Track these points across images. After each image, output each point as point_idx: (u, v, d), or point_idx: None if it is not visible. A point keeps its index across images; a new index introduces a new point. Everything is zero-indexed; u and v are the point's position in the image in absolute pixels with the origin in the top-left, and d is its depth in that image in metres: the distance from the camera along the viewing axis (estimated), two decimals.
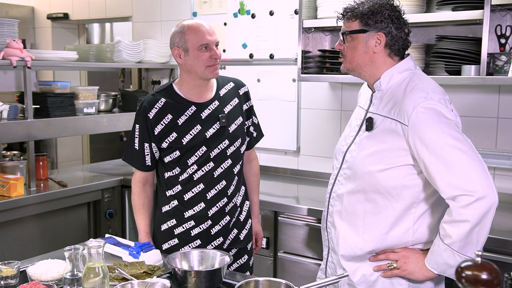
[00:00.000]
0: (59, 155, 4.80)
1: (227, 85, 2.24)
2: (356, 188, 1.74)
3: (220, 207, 2.15)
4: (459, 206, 1.55)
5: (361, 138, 1.76)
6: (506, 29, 2.61)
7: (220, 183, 2.14)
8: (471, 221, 1.53)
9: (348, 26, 1.75)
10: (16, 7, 4.77)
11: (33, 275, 1.72)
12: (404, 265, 1.70)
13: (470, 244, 1.56)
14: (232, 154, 2.16)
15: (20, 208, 2.95)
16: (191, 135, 2.11)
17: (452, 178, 1.55)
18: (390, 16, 1.70)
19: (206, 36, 2.06)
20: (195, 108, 2.13)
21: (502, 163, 2.73)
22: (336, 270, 1.84)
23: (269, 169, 3.65)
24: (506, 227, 2.42)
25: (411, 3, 2.71)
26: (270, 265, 2.91)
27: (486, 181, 1.55)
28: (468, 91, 2.87)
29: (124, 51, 3.69)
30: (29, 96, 3.08)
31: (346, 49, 1.76)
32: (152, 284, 1.56)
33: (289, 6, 3.45)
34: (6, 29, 3.09)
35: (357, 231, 1.76)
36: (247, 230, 2.29)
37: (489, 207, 1.54)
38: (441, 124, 1.59)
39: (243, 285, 1.56)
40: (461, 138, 1.59)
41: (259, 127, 2.38)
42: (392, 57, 1.75)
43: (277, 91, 3.56)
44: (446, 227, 1.58)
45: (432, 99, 1.62)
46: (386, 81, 1.74)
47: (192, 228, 2.16)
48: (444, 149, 1.57)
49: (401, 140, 1.65)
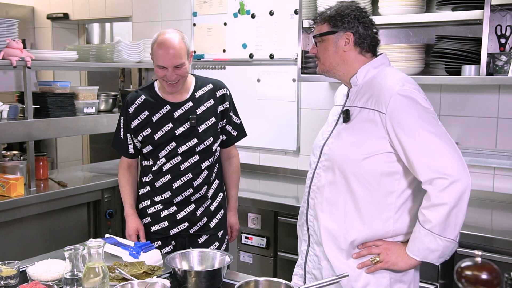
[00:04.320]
0: (59, 155, 4.80)
1: (205, 87, 2.40)
2: (336, 179, 1.80)
3: (185, 196, 2.36)
4: (436, 190, 1.63)
5: (339, 130, 1.84)
6: (506, 29, 2.61)
7: (186, 175, 2.34)
8: (448, 204, 1.61)
9: (319, 30, 1.85)
10: (16, 7, 4.77)
11: (33, 275, 1.72)
12: (387, 257, 1.75)
13: (449, 226, 1.64)
14: (201, 151, 2.34)
15: (20, 208, 2.94)
16: (163, 132, 2.31)
17: (429, 161, 1.64)
18: (356, 16, 1.81)
19: (163, 59, 2.21)
20: (169, 107, 2.34)
21: (502, 163, 2.73)
22: (320, 262, 1.87)
23: (269, 169, 3.66)
24: (506, 227, 2.42)
25: (411, 3, 2.71)
26: (270, 265, 2.92)
27: (460, 164, 1.64)
28: (468, 91, 2.87)
29: (124, 51, 3.68)
30: (29, 96, 3.08)
31: (319, 51, 1.87)
32: (152, 284, 1.56)
33: (289, 6, 3.45)
34: (6, 29, 3.08)
35: (339, 222, 1.80)
36: (218, 220, 2.46)
37: (464, 189, 1.62)
38: (418, 110, 1.68)
39: (243, 285, 1.56)
40: (436, 124, 1.69)
41: (241, 126, 2.53)
42: (364, 54, 1.84)
43: (277, 91, 3.56)
44: (425, 212, 1.66)
45: (408, 88, 1.71)
46: (363, 76, 1.82)
47: (161, 211, 2.39)
48: (420, 133, 1.66)
49: (379, 129, 1.72)
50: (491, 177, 2.84)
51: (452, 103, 2.92)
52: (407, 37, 3.02)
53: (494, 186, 2.83)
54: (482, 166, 2.84)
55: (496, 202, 2.78)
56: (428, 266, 2.36)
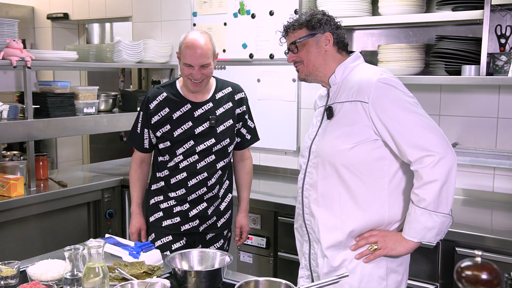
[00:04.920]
0: (59, 155, 4.80)
1: (225, 89, 2.47)
2: (328, 173, 1.84)
3: (199, 194, 2.41)
4: (428, 167, 1.69)
5: (324, 127, 1.89)
6: (506, 29, 2.61)
7: (201, 174, 2.39)
8: (439, 180, 1.68)
9: (297, 36, 1.91)
10: (16, 7, 4.77)
11: (33, 275, 1.72)
12: (385, 243, 1.79)
13: (442, 202, 1.71)
14: (217, 151, 2.41)
15: (20, 208, 2.95)
16: (182, 129, 2.37)
17: (416, 140, 1.71)
18: (328, 19, 1.91)
19: (190, 58, 2.27)
20: (190, 106, 2.39)
21: (502, 163, 2.72)
22: (317, 259, 1.89)
23: (269, 169, 3.66)
24: (506, 227, 2.42)
25: (411, 3, 2.71)
26: (270, 265, 2.92)
27: (444, 142, 1.72)
28: (468, 91, 2.87)
29: (124, 51, 3.69)
30: (29, 96, 3.08)
31: (301, 55, 1.92)
32: (152, 284, 1.57)
33: (289, 6, 3.45)
34: (6, 29, 3.09)
35: (335, 214, 1.84)
36: (225, 219, 2.53)
37: (451, 164, 1.70)
38: (399, 95, 1.77)
39: (243, 285, 1.56)
40: (417, 105, 1.78)
41: (255, 131, 2.59)
42: (341, 53, 1.93)
43: (277, 91, 3.56)
44: (418, 191, 1.72)
45: (387, 76, 1.80)
46: (341, 74, 1.90)
47: (174, 206, 2.43)
48: (404, 115, 1.73)
49: (363, 117, 1.78)
50: (491, 177, 2.84)
51: (452, 103, 2.92)
52: (407, 37, 3.02)
53: (494, 186, 2.83)
54: (482, 166, 2.84)
55: (496, 202, 2.78)
56: (428, 266, 2.37)
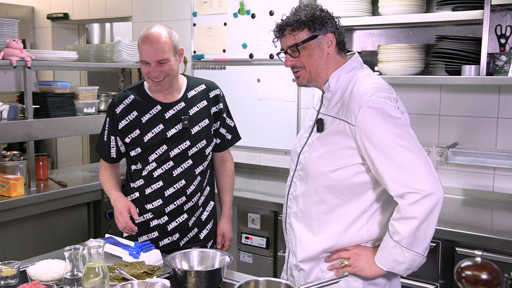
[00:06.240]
0: (59, 155, 4.80)
1: (197, 87, 2.29)
2: (309, 190, 1.78)
3: (177, 205, 2.23)
4: (407, 203, 1.59)
5: (313, 139, 1.80)
6: (506, 29, 2.61)
7: (179, 182, 2.21)
8: (418, 218, 1.58)
9: (297, 38, 1.75)
10: (16, 7, 4.77)
11: (33, 275, 1.72)
12: (355, 262, 1.74)
13: (417, 240, 1.61)
14: (194, 155, 2.23)
15: (20, 208, 2.94)
16: (153, 133, 2.19)
17: (399, 176, 1.60)
18: (329, 16, 1.76)
19: (145, 53, 2.10)
20: (160, 108, 2.21)
21: (502, 163, 2.72)
22: (292, 272, 1.88)
23: (269, 169, 3.65)
24: (506, 227, 2.42)
25: (411, 3, 2.71)
26: (270, 265, 2.91)
27: (432, 178, 1.59)
28: (468, 91, 2.87)
29: (124, 51, 3.68)
30: (29, 96, 3.08)
31: (302, 60, 1.77)
32: (152, 284, 1.56)
33: (289, 6, 3.40)
34: (6, 29, 3.08)
35: (313, 232, 1.79)
36: (208, 230, 2.35)
37: (435, 203, 1.58)
38: (387, 123, 1.62)
39: (243, 285, 1.56)
40: (407, 136, 1.62)
41: (235, 129, 2.42)
42: (340, 54, 1.79)
43: (277, 91, 3.56)
44: (395, 224, 1.63)
45: (377, 98, 1.64)
46: (334, 82, 1.77)
47: (151, 220, 2.25)
48: (390, 147, 1.60)
49: (350, 140, 1.68)
50: (491, 177, 2.84)
51: (452, 103, 2.92)
52: (407, 37, 3.02)
53: (494, 186, 2.83)
54: (482, 166, 2.83)
55: (496, 202, 2.78)
56: (428, 266, 2.37)
